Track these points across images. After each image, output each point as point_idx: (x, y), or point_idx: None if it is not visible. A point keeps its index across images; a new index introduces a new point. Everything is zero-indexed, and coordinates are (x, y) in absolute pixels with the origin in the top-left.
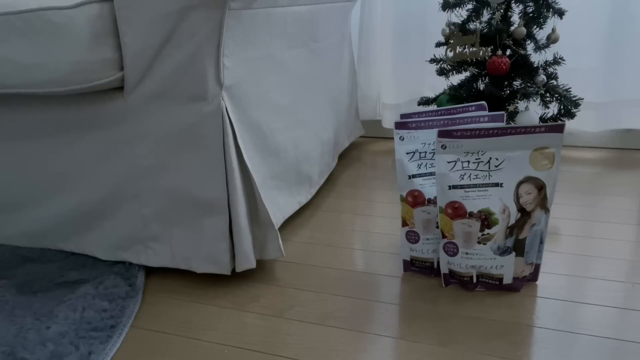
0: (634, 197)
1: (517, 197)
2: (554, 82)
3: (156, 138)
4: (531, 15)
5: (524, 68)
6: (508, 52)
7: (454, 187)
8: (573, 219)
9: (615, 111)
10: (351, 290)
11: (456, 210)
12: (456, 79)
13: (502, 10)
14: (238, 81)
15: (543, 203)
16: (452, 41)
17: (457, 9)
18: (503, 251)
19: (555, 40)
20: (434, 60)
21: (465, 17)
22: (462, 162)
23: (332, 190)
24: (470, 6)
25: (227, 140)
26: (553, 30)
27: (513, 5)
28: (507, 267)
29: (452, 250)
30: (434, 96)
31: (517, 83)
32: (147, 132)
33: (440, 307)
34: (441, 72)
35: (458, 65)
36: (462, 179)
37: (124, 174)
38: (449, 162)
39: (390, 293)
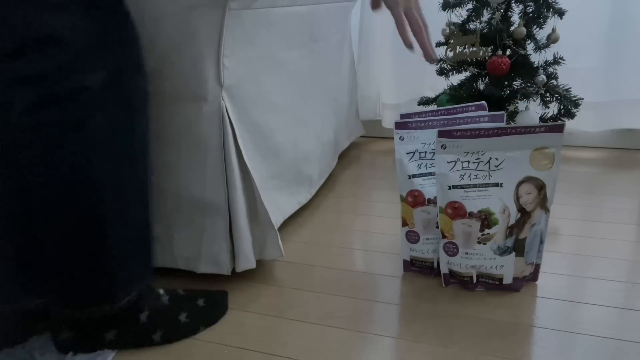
0: (634, 197)
1: (517, 197)
2: (554, 82)
3: (156, 138)
4: (531, 15)
5: (524, 68)
6: (508, 52)
7: (454, 187)
8: (573, 219)
9: (615, 111)
10: (351, 290)
11: (456, 210)
12: (456, 79)
13: (502, 10)
14: (238, 81)
15: (543, 203)
16: (452, 41)
17: (457, 9)
18: (503, 251)
19: (555, 40)
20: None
21: (465, 17)
22: (462, 162)
23: (332, 190)
24: (470, 6)
25: (227, 140)
26: (553, 30)
27: (513, 5)
28: (507, 267)
29: (452, 250)
30: (434, 96)
31: (517, 83)
32: None
33: (440, 307)
34: (441, 72)
35: (458, 65)
36: (462, 179)
37: None
38: (448, 162)
39: (390, 293)
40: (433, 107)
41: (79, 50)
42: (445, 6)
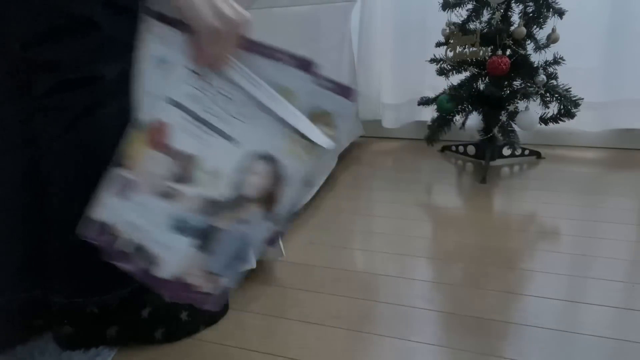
0: (634, 197)
1: (244, 169)
2: (554, 82)
3: None
4: (531, 15)
5: (524, 68)
6: (508, 52)
7: (176, 104)
8: (573, 219)
9: (615, 111)
10: (351, 290)
11: (158, 135)
12: (456, 79)
13: (502, 10)
14: None
15: (270, 200)
16: (452, 41)
17: (457, 9)
18: (182, 230)
19: (555, 40)
20: (434, 60)
21: (465, 17)
22: (198, 73)
23: (332, 190)
24: (470, 6)
25: None
26: (553, 30)
27: (513, 5)
28: (173, 254)
29: (128, 190)
30: (433, 96)
31: (517, 83)
32: None
33: (440, 307)
34: (441, 72)
35: (458, 65)
36: (192, 100)
37: None
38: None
39: (390, 293)
40: (433, 107)
41: (97, 42)
42: (445, 6)
